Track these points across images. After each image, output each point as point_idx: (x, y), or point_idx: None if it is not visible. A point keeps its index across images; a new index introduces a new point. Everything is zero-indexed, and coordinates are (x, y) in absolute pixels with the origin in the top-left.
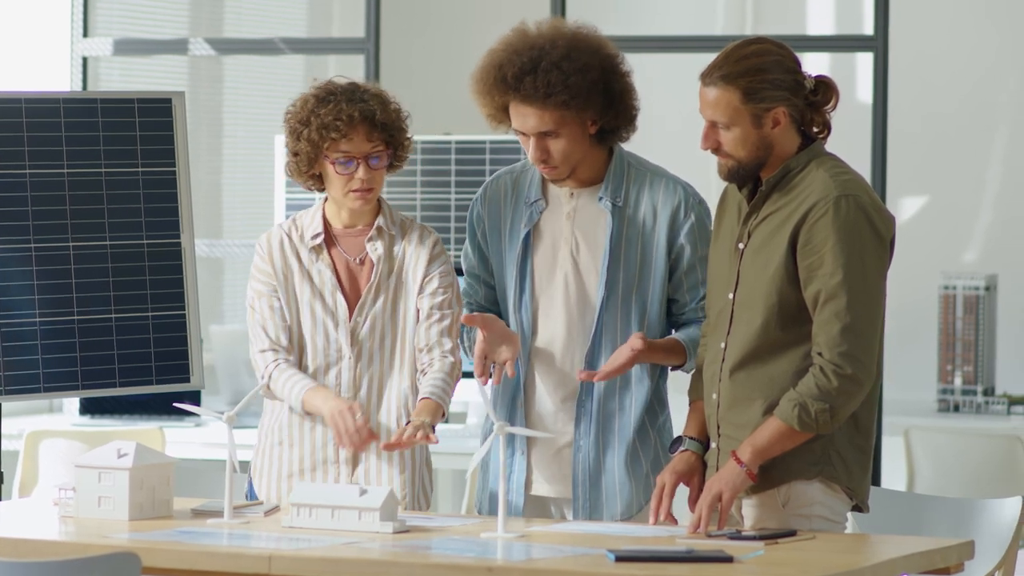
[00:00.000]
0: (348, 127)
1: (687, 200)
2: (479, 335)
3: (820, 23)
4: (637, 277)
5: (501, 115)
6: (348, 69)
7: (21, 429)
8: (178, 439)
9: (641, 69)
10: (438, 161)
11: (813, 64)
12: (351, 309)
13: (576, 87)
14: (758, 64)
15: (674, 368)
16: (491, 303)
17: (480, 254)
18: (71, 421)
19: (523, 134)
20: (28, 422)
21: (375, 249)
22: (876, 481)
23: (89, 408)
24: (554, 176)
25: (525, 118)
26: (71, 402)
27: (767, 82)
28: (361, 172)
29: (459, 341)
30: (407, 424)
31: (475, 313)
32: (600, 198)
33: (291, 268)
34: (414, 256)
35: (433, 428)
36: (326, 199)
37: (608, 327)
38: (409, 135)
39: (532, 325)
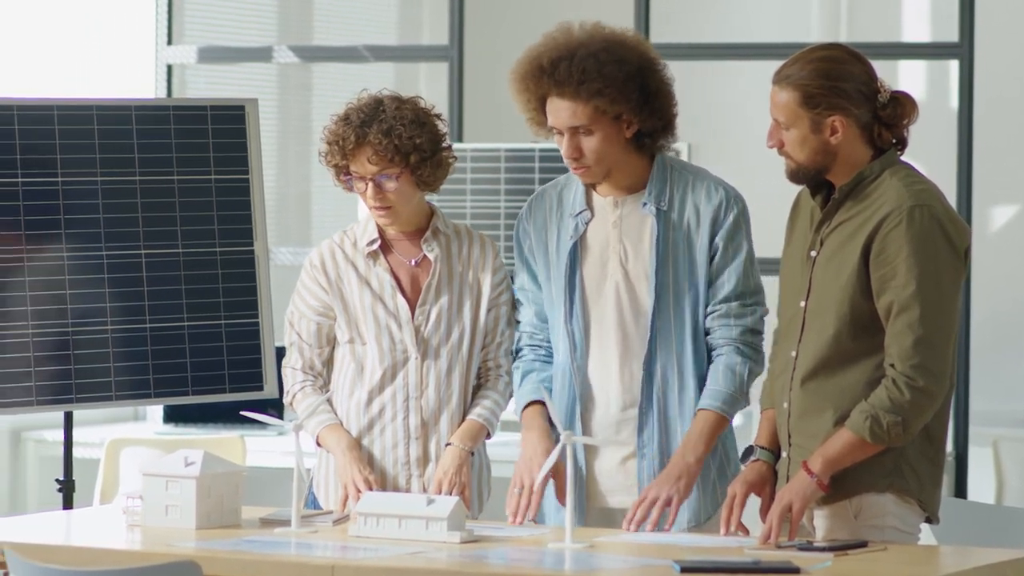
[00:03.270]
0: (347, 151)
1: (727, 200)
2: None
3: (915, 29)
4: (687, 280)
5: (540, 116)
6: (435, 76)
7: (102, 437)
8: (260, 448)
9: (734, 76)
10: (525, 170)
11: (909, 71)
12: (412, 309)
13: (611, 76)
14: (824, 70)
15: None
16: (534, 327)
17: (530, 270)
18: (154, 429)
19: (559, 133)
20: (112, 430)
21: (431, 249)
22: (963, 493)
23: (172, 416)
24: (587, 178)
25: (559, 112)
26: (155, 410)
27: (828, 89)
28: (369, 191)
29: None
30: (448, 452)
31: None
32: (644, 204)
33: (346, 278)
34: (480, 261)
35: (473, 452)
36: None
37: (662, 332)
38: (440, 153)
39: (584, 337)
